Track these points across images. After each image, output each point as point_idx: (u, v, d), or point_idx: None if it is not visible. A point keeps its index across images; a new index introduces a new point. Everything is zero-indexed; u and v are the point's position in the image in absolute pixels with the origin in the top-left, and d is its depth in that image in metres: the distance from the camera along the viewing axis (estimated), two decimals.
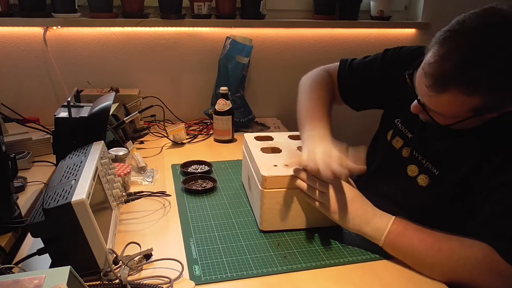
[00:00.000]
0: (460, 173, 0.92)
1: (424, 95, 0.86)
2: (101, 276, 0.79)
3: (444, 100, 0.81)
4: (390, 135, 1.13)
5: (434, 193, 0.97)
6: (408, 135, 1.07)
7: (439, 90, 0.80)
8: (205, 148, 1.54)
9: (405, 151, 1.07)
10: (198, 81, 1.88)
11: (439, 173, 0.96)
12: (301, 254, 0.90)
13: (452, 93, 0.79)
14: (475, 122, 0.87)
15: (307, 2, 1.96)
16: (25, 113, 1.51)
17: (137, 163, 1.29)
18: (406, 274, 0.86)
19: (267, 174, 0.94)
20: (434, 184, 0.97)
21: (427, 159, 1.00)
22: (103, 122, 1.06)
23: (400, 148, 1.09)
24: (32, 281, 0.56)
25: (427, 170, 0.99)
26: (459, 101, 0.80)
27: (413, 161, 1.03)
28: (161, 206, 1.10)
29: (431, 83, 0.81)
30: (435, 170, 0.97)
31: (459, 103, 0.81)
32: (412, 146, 1.05)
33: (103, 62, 1.76)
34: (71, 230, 0.75)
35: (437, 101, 0.83)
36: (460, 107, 0.82)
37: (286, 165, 0.99)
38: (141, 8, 1.71)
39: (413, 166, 1.02)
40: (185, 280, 0.81)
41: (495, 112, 0.84)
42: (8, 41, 1.66)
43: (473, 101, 0.79)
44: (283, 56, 1.95)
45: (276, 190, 0.95)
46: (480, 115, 0.83)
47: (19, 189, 1.15)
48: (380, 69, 1.15)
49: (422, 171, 1.00)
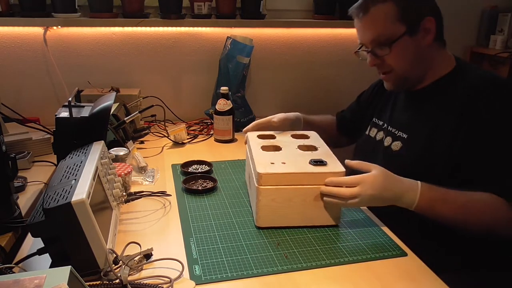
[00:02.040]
0: (424, 133, 1.07)
1: (361, 32, 1.10)
2: (101, 276, 0.79)
3: (372, 18, 1.06)
4: (368, 129, 1.30)
5: (408, 155, 1.10)
6: (379, 123, 1.26)
7: (364, 12, 1.06)
8: (205, 148, 1.54)
9: (379, 135, 1.24)
10: (198, 81, 1.88)
11: (407, 136, 1.12)
12: (301, 254, 0.90)
13: (373, 9, 1.04)
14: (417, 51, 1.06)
15: (307, 2, 1.96)
16: (25, 113, 1.51)
17: (137, 163, 1.29)
18: (406, 274, 0.86)
19: (262, 171, 0.95)
20: (405, 146, 1.12)
21: (398, 129, 1.16)
22: (104, 122, 1.06)
23: (375, 135, 1.26)
24: (33, 281, 0.56)
25: (399, 137, 1.14)
26: (381, 13, 1.04)
27: (388, 133, 1.19)
28: (161, 206, 1.10)
29: (357, 12, 1.08)
30: (404, 135, 1.13)
31: (382, 15, 1.04)
32: (384, 130, 1.22)
33: (103, 62, 1.76)
34: (71, 230, 0.75)
35: (367, 23, 1.07)
36: (385, 18, 1.04)
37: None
38: (141, 8, 1.71)
39: (388, 138, 1.18)
40: (185, 280, 0.81)
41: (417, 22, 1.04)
42: (8, 41, 1.66)
43: (390, 10, 1.03)
44: (283, 56, 1.95)
45: (272, 187, 0.96)
46: (411, 31, 1.04)
47: (19, 189, 1.15)
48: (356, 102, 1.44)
49: (394, 139, 1.16)
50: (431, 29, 1.05)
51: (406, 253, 0.92)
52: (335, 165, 1.00)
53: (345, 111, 1.49)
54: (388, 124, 1.21)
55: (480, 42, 2.16)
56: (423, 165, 1.05)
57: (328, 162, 1.01)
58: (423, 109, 1.11)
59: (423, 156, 1.06)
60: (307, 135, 1.21)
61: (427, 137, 1.06)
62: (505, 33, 2.04)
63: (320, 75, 2.01)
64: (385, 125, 1.22)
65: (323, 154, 1.06)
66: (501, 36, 2.04)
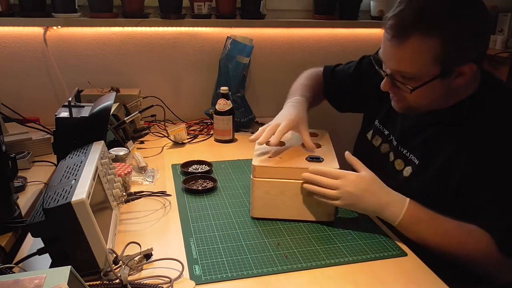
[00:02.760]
0: (440, 161, 0.97)
1: (390, 56, 0.91)
2: (101, 276, 0.79)
3: (408, 50, 0.87)
4: (370, 135, 1.20)
5: (417, 182, 1.00)
6: (385, 132, 1.15)
7: (402, 37, 0.86)
8: (205, 148, 1.54)
9: (384, 147, 1.15)
10: (198, 81, 1.88)
11: (419, 162, 1.01)
12: (301, 254, 0.90)
13: (414, 38, 0.85)
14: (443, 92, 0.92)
15: (307, 2, 1.96)
16: (25, 113, 1.51)
17: (137, 163, 1.29)
18: (406, 274, 0.86)
19: (256, 163, 0.99)
20: (416, 173, 1.02)
21: (409, 151, 1.05)
22: (104, 122, 1.06)
23: (379, 146, 1.16)
24: (33, 281, 0.56)
25: (410, 161, 1.04)
26: (422, 46, 0.86)
27: (398, 154, 1.08)
28: (161, 206, 1.10)
29: (393, 34, 0.88)
30: (416, 160, 1.02)
31: (422, 49, 0.86)
32: (389, 143, 1.12)
33: (103, 62, 1.76)
34: (71, 230, 0.75)
35: (402, 53, 0.88)
36: (424, 53, 0.86)
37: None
38: (141, 8, 1.71)
39: (399, 160, 1.07)
40: (185, 280, 0.81)
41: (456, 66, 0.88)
42: (8, 41, 1.66)
43: (434, 45, 0.85)
44: (283, 56, 1.95)
45: (265, 179, 0.99)
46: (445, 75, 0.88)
47: (19, 189, 1.15)
48: (353, 75, 1.26)
49: (406, 163, 1.05)
50: (466, 74, 0.89)
51: (406, 253, 0.92)
52: (331, 163, 1.01)
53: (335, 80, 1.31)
54: (398, 141, 1.09)
55: None
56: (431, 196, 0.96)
57: (324, 160, 1.02)
58: (438, 134, 0.99)
59: (432, 188, 0.97)
60: (316, 133, 1.21)
61: (439, 169, 0.96)
62: (505, 33, 2.04)
63: None
64: (391, 138, 1.12)
65: (324, 152, 1.07)
66: (501, 36, 2.04)
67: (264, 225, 1.01)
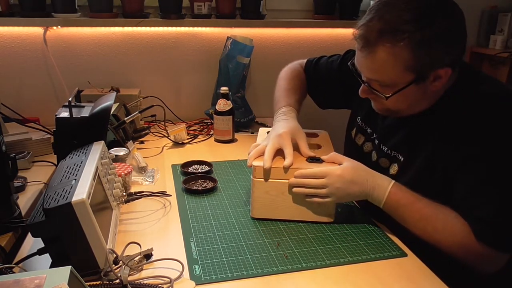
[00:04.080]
0: (423, 155, 0.97)
1: (362, 65, 0.93)
2: (102, 276, 0.79)
3: (379, 59, 0.88)
4: (354, 133, 1.21)
5: (404, 179, 1.00)
6: (368, 130, 1.15)
7: (371, 47, 0.87)
8: (205, 148, 1.54)
9: (366, 146, 1.15)
10: (198, 81, 1.88)
11: (404, 159, 1.02)
12: (301, 254, 0.90)
13: (383, 48, 0.86)
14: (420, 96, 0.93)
15: (307, 2, 1.96)
16: (25, 113, 1.51)
17: (137, 163, 1.29)
18: (406, 274, 0.86)
19: (257, 164, 0.99)
20: (402, 170, 1.02)
21: (392, 149, 1.05)
22: (104, 122, 1.06)
23: (362, 145, 1.17)
24: (33, 281, 0.56)
25: (395, 158, 1.05)
26: (391, 56, 0.86)
27: (381, 153, 1.08)
28: (161, 206, 1.10)
29: (362, 44, 0.89)
30: (401, 157, 1.03)
31: (391, 59, 0.87)
32: (372, 141, 1.13)
33: (103, 62, 1.76)
34: (71, 230, 0.75)
35: (373, 63, 0.89)
36: (394, 63, 0.87)
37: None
38: (141, 8, 1.71)
39: (384, 159, 1.08)
40: (185, 280, 0.81)
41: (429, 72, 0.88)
42: (8, 41, 1.66)
43: (403, 55, 0.86)
44: (283, 56, 1.94)
45: (265, 180, 1.00)
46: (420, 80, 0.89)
47: (19, 189, 1.15)
48: (337, 70, 1.25)
49: (391, 160, 1.06)
50: (442, 78, 0.90)
51: (406, 253, 0.92)
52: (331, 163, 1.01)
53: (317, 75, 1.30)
54: (379, 140, 1.10)
55: (480, 42, 2.16)
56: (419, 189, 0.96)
57: (324, 160, 1.02)
58: (419, 128, 1.00)
59: (420, 181, 0.98)
60: (317, 133, 1.21)
61: (424, 163, 0.97)
62: (505, 33, 2.04)
63: None
64: (374, 136, 1.12)
65: (324, 153, 1.06)
66: (501, 36, 2.04)
67: (264, 225, 1.01)
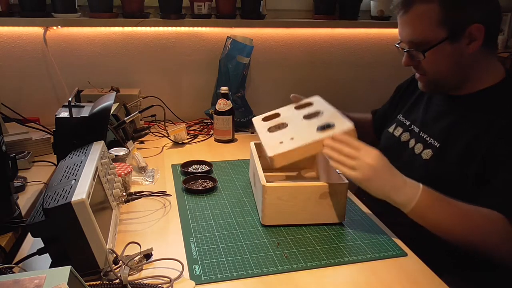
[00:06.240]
0: (460, 144, 0.99)
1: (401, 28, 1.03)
2: (101, 276, 0.79)
3: (413, 16, 0.98)
4: (392, 128, 1.24)
5: (437, 165, 1.02)
6: (406, 123, 1.19)
7: (406, 6, 0.99)
8: (205, 148, 1.54)
9: (404, 136, 1.18)
10: (198, 81, 1.88)
11: (440, 145, 1.04)
12: (301, 254, 0.90)
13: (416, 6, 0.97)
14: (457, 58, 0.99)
15: (307, 2, 1.95)
16: (25, 113, 1.51)
17: (137, 163, 1.29)
18: (406, 274, 0.86)
19: (272, 153, 0.96)
20: (436, 155, 1.04)
21: (430, 136, 1.09)
22: (104, 122, 1.06)
23: (399, 135, 1.20)
24: (33, 281, 0.56)
25: (430, 145, 1.07)
26: (423, 12, 0.97)
27: (418, 139, 1.12)
28: (161, 206, 1.10)
29: (400, 8, 1.01)
30: (436, 143, 1.05)
31: (424, 14, 0.97)
32: (410, 131, 1.16)
33: (103, 62, 1.76)
34: (71, 230, 0.75)
35: (408, 22, 1.00)
36: (427, 19, 0.96)
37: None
38: (141, 8, 1.71)
39: (419, 144, 1.10)
40: (185, 280, 0.81)
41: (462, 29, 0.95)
42: (9, 41, 1.66)
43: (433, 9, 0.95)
44: (283, 56, 1.94)
45: (278, 185, 0.97)
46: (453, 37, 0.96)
47: (19, 189, 1.15)
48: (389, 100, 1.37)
49: (425, 146, 1.08)
50: (477, 37, 0.95)
51: (406, 253, 0.92)
52: (343, 124, 0.98)
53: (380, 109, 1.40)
54: (419, 128, 1.13)
55: None
56: (450, 180, 0.98)
57: (335, 123, 0.98)
58: (462, 119, 1.03)
59: (453, 171, 0.99)
60: (310, 102, 1.16)
61: (461, 152, 0.98)
62: (505, 33, 2.04)
63: (320, 75, 2.01)
64: (412, 127, 1.16)
65: (329, 117, 1.03)
66: (501, 36, 2.04)
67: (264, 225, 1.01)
